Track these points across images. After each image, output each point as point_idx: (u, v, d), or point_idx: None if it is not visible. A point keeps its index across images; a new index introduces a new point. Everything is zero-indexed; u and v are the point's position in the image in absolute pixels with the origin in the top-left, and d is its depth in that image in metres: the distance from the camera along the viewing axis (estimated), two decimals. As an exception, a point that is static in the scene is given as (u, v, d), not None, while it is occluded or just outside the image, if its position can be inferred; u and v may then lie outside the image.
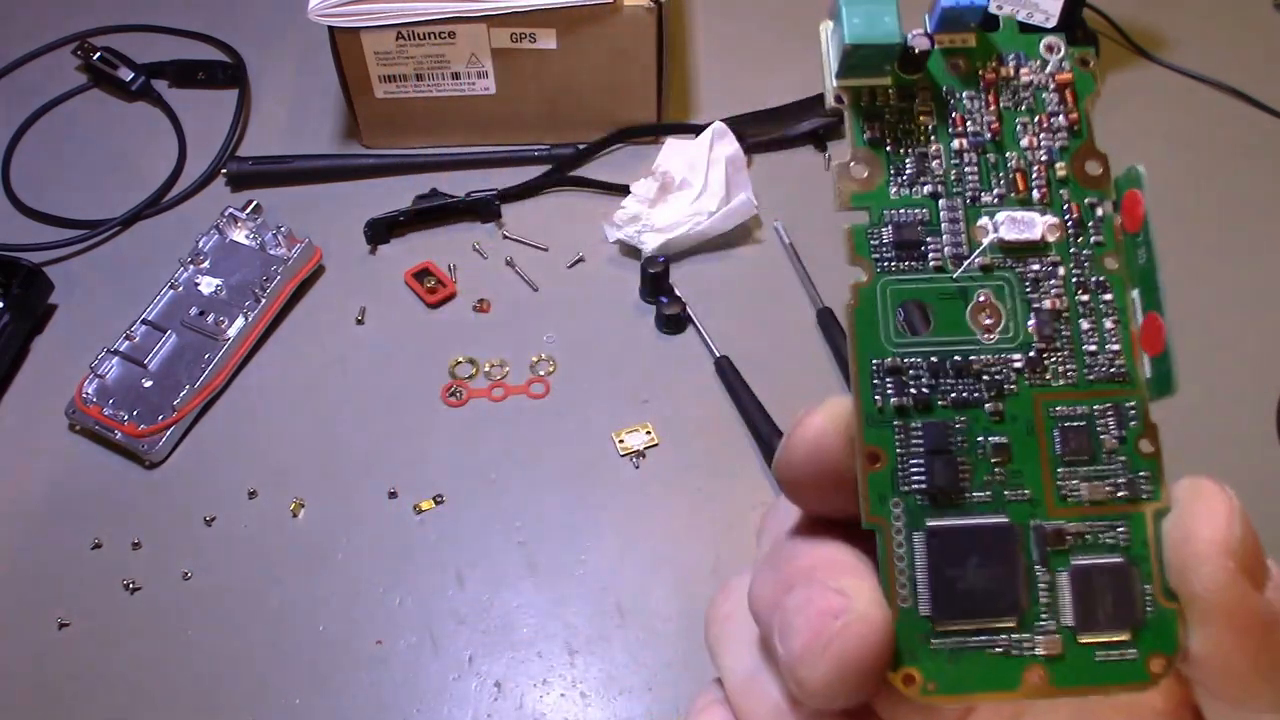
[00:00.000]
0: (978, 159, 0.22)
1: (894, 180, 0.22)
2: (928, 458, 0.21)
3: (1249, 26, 0.94)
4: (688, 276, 0.77)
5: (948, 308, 0.21)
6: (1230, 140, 0.85)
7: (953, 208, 0.22)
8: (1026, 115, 0.23)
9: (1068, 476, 0.21)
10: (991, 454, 0.21)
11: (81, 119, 0.90)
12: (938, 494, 0.20)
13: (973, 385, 0.21)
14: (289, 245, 0.76)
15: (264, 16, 0.95)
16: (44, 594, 0.64)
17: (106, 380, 0.71)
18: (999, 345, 0.21)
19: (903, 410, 0.21)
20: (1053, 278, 0.22)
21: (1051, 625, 0.20)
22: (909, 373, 0.21)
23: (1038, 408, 0.21)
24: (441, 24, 0.77)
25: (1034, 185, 0.22)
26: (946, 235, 0.22)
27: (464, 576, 0.64)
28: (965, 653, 0.20)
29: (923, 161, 0.22)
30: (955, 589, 0.20)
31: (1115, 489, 0.21)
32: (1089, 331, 0.21)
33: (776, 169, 0.84)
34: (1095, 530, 0.20)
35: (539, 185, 0.83)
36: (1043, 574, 0.20)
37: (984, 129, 0.22)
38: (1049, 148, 0.22)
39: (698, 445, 0.69)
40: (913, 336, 0.21)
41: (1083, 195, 0.22)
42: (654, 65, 0.80)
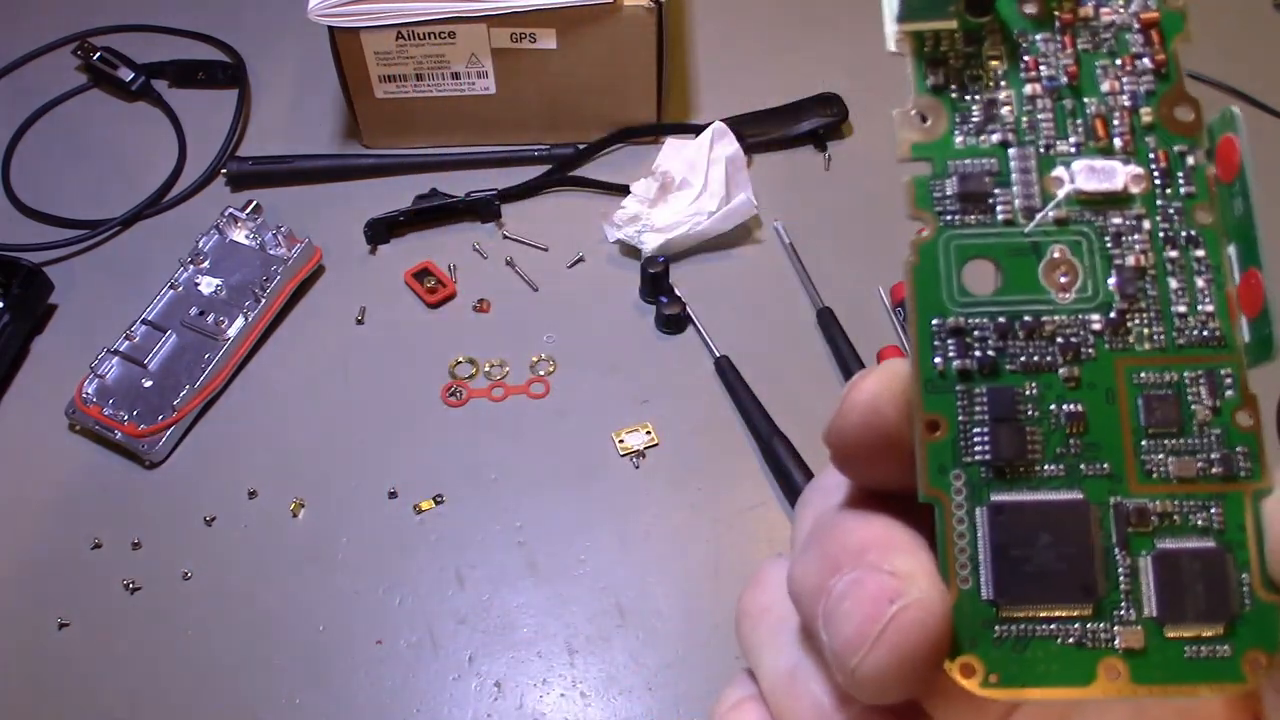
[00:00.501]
0: (1053, 105, 0.20)
1: (959, 129, 0.20)
2: (993, 426, 0.19)
3: (1249, 26, 0.94)
4: (688, 276, 0.77)
5: (1018, 265, 0.20)
6: (1230, 140, 0.85)
7: (1024, 157, 0.20)
8: (1107, 58, 0.21)
9: (1153, 450, 0.19)
10: (1066, 423, 0.19)
11: (81, 119, 0.90)
12: (1004, 466, 0.19)
13: (1045, 348, 0.19)
14: (289, 245, 0.76)
15: (264, 16, 0.95)
16: (44, 594, 0.64)
17: (106, 380, 0.71)
18: (1076, 305, 0.19)
19: (966, 374, 0.19)
20: (1137, 232, 0.20)
21: (1132, 615, 0.18)
22: (974, 334, 0.19)
23: (1120, 374, 0.19)
24: (441, 24, 0.77)
25: (1116, 133, 0.20)
26: (1018, 187, 0.20)
27: (464, 576, 0.64)
28: (1033, 642, 0.18)
29: (991, 109, 0.20)
30: (1022, 571, 0.18)
31: (1208, 465, 0.19)
32: (1179, 291, 0.19)
33: (776, 169, 0.84)
34: (1184, 511, 0.18)
35: (539, 185, 0.83)
36: (1122, 558, 0.18)
37: (1060, 73, 0.20)
38: (1133, 92, 0.21)
39: (698, 445, 0.69)
40: (991, 296, 0.20)
41: (1171, 143, 0.20)
42: (654, 65, 0.80)
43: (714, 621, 0.61)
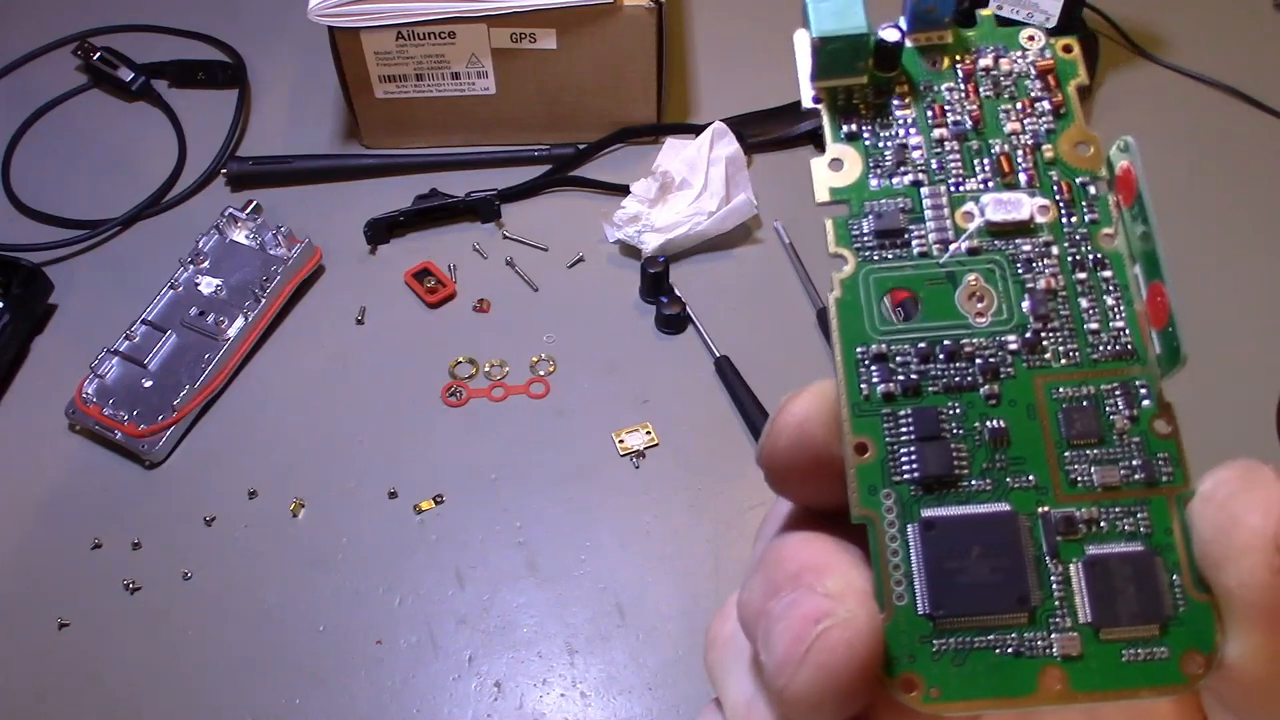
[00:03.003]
0: (960, 147, 0.22)
1: (873, 172, 0.22)
2: (918, 445, 0.19)
3: (1249, 26, 0.94)
4: (688, 276, 0.77)
5: (936, 293, 0.21)
6: (1230, 140, 0.85)
7: (936, 194, 0.21)
8: (1009, 103, 0.22)
9: (1076, 460, 0.19)
10: (989, 439, 0.19)
11: (81, 119, 0.90)
12: (932, 482, 0.19)
13: (965, 369, 0.20)
14: (289, 245, 0.76)
15: (264, 16, 0.95)
16: (44, 594, 0.64)
17: (106, 380, 0.71)
18: (992, 328, 0.20)
19: (890, 397, 0.20)
20: (1046, 257, 0.21)
21: (1068, 622, 0.18)
22: (896, 359, 0.20)
23: (1039, 390, 0.20)
24: (441, 24, 0.77)
25: (1020, 169, 0.21)
26: (931, 222, 0.21)
27: (464, 576, 0.64)
28: (972, 654, 0.18)
29: (902, 152, 0.22)
30: (956, 583, 0.18)
31: (1131, 472, 0.19)
32: (1089, 309, 0.20)
33: (776, 169, 0.84)
34: (1111, 517, 0.19)
35: (539, 185, 0.83)
36: (1054, 566, 0.19)
37: (965, 117, 0.22)
38: (1035, 131, 0.22)
39: (698, 445, 0.69)
40: (900, 323, 0.21)
41: (1073, 175, 0.21)
42: (654, 65, 0.80)
43: (714, 621, 0.61)
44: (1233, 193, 0.82)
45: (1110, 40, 0.91)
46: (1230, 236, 0.79)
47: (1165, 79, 0.89)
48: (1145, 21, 0.92)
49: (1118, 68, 0.90)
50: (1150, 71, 0.90)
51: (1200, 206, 0.81)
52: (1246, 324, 0.74)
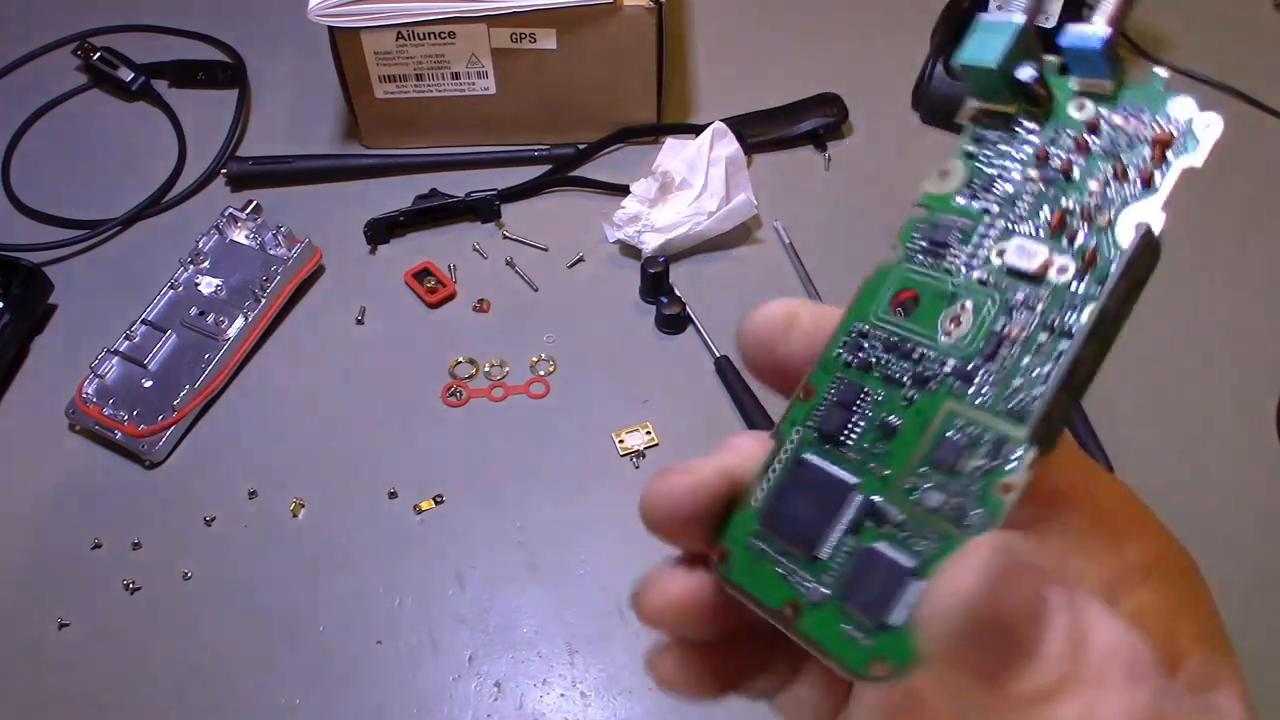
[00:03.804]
0: (1040, 190, 0.23)
1: (963, 192, 0.24)
2: (833, 406, 0.23)
3: (1249, 26, 0.94)
4: (688, 276, 0.77)
5: (932, 304, 0.23)
6: (1230, 140, 0.85)
7: (990, 226, 0.23)
8: (1108, 161, 0.22)
9: (924, 478, 0.22)
10: (879, 429, 0.23)
11: (81, 119, 0.90)
12: (824, 437, 0.23)
13: (905, 369, 0.23)
14: (289, 245, 0.76)
15: (264, 16, 0.95)
16: (44, 594, 0.64)
17: (106, 380, 0.71)
18: (948, 348, 0.22)
19: (847, 366, 0.24)
20: (1031, 310, 0.22)
21: (828, 580, 0.22)
22: (869, 341, 0.23)
23: (941, 413, 0.22)
24: (441, 24, 0.77)
25: (1073, 228, 0.22)
26: (970, 247, 0.23)
27: (464, 576, 0.64)
28: (763, 560, 0.23)
29: (993, 182, 0.23)
30: (785, 511, 0.23)
31: (950, 507, 0.21)
32: (1026, 368, 0.21)
33: (776, 169, 0.84)
34: (912, 531, 0.21)
35: (539, 185, 0.83)
36: (851, 539, 0.22)
37: (1059, 166, 0.22)
38: (1110, 197, 0.22)
39: (698, 445, 0.68)
40: (892, 317, 0.23)
41: (1112, 249, 0.21)
42: (654, 65, 0.80)
43: (714, 621, 0.61)
44: (1233, 193, 0.82)
45: (1110, 40, 0.91)
46: (1230, 236, 0.79)
47: (1165, 79, 0.89)
48: (1145, 21, 0.92)
49: (1118, 68, 0.90)
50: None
51: (1199, 206, 0.81)
52: (1246, 324, 0.74)
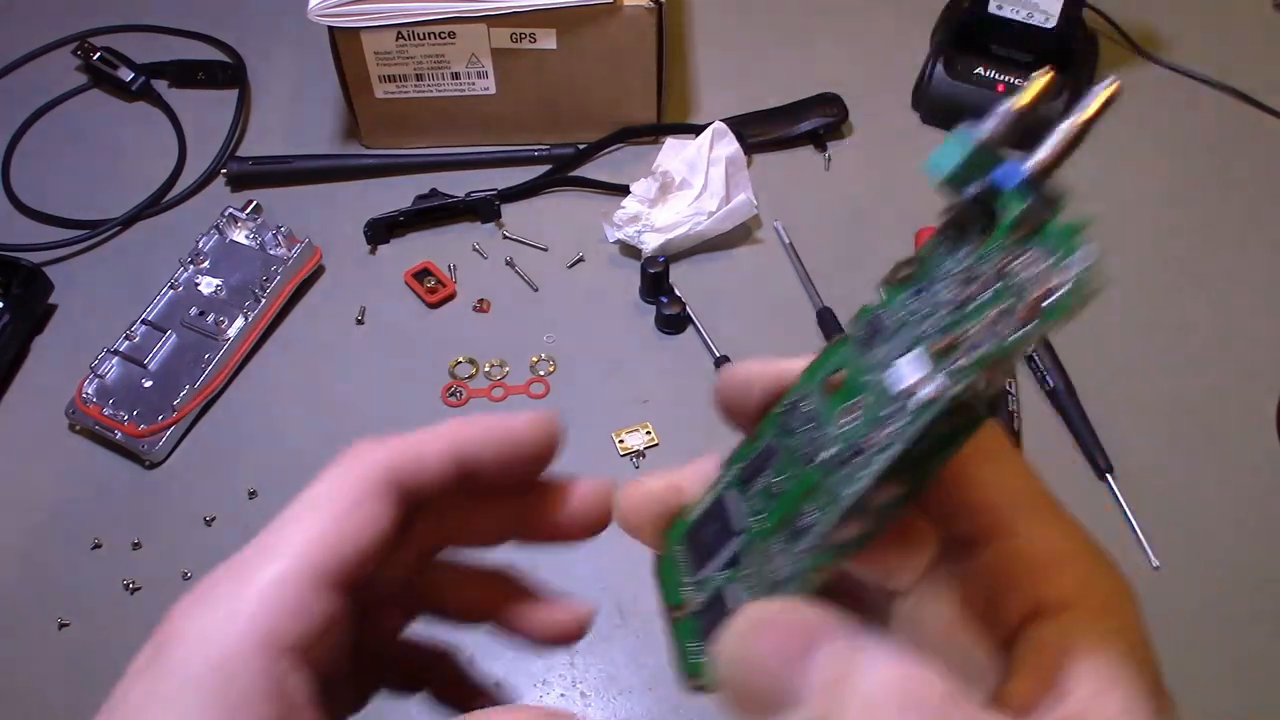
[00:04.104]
0: (951, 313, 0.24)
1: (910, 290, 0.25)
2: (757, 457, 0.28)
3: (1249, 26, 0.94)
4: (688, 276, 0.77)
5: (846, 391, 0.26)
6: (1230, 140, 0.85)
7: (910, 332, 0.25)
8: (1001, 300, 0.23)
9: (778, 543, 0.26)
10: (772, 490, 0.27)
11: (81, 119, 0.90)
12: (743, 483, 0.28)
13: (807, 442, 0.26)
14: (289, 245, 0.76)
15: (264, 16, 0.95)
16: (44, 594, 0.64)
17: (106, 380, 0.71)
18: (834, 436, 0.25)
19: (781, 426, 0.27)
20: (896, 417, 0.24)
21: (700, 600, 0.28)
22: (801, 407, 0.27)
23: (805, 493, 0.25)
24: (441, 24, 0.77)
25: (956, 358, 0.23)
26: (888, 346, 0.25)
27: (464, 576, 0.64)
28: (676, 566, 0.29)
29: (930, 288, 0.25)
30: (698, 532, 0.29)
31: (782, 573, 0.25)
32: (847, 477, 0.24)
33: (776, 169, 0.84)
34: (755, 582, 0.26)
35: (539, 185, 0.83)
36: (724, 569, 0.27)
37: (966, 294, 0.24)
38: (992, 332, 0.23)
39: (698, 445, 0.68)
40: (824, 391, 0.26)
41: (962, 378, 0.23)
42: (654, 65, 0.80)
43: (714, 621, 0.61)
44: (1232, 193, 0.82)
45: (1110, 40, 0.91)
46: (1230, 236, 0.79)
47: (1165, 79, 0.89)
48: (1145, 21, 0.92)
49: (1118, 68, 0.90)
50: (1150, 71, 0.90)
51: (1199, 206, 0.81)
52: (1246, 324, 0.74)
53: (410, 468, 0.29)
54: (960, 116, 0.78)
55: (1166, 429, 0.69)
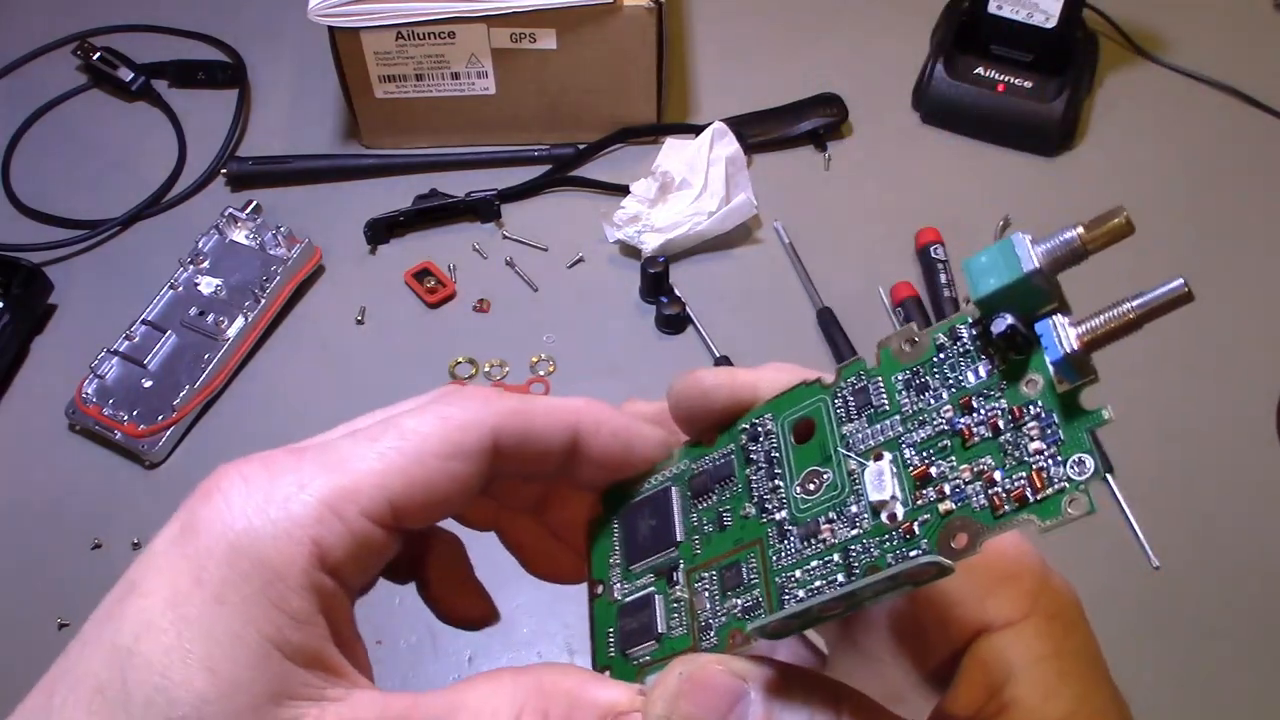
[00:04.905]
0: (941, 434, 0.24)
1: (907, 374, 0.25)
2: (709, 469, 0.28)
3: (1249, 26, 0.94)
4: (688, 276, 0.77)
5: (812, 452, 0.26)
6: (1230, 140, 0.85)
7: (894, 426, 0.25)
8: (998, 459, 0.23)
9: (711, 580, 0.27)
10: (718, 515, 0.28)
11: (81, 119, 0.90)
12: (691, 489, 0.29)
13: (761, 485, 0.27)
14: (289, 245, 0.76)
15: (264, 16, 0.95)
16: (44, 594, 0.64)
17: (106, 380, 0.71)
18: (794, 498, 0.26)
19: (740, 447, 0.28)
20: (847, 527, 0.25)
21: (622, 591, 0.29)
22: (763, 440, 0.28)
23: (750, 543, 0.27)
24: (441, 24, 0.77)
25: (931, 491, 0.24)
26: (874, 429, 0.25)
27: (464, 576, 0.64)
28: (610, 538, 0.30)
29: (927, 389, 0.25)
30: (635, 519, 0.30)
31: (707, 614, 0.27)
32: (808, 571, 0.25)
33: (776, 169, 0.84)
34: (679, 609, 0.28)
35: (539, 185, 0.82)
36: (650, 573, 0.29)
37: (965, 425, 0.24)
38: (965, 493, 0.23)
39: (698, 445, 0.69)
40: (789, 439, 0.27)
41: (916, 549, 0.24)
42: (654, 65, 0.80)
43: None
44: (1233, 193, 0.82)
45: (1110, 40, 0.91)
46: (1230, 236, 0.79)
47: (1165, 79, 0.89)
48: (1145, 21, 0.92)
49: (1118, 68, 0.90)
50: (1150, 71, 0.90)
51: (1200, 206, 0.81)
52: (1246, 324, 0.74)
53: (515, 441, 0.27)
54: (960, 116, 0.80)
55: (1166, 428, 0.69)
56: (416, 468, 0.26)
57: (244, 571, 0.24)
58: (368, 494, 0.25)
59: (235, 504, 0.25)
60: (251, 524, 0.24)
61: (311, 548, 0.24)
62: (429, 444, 0.26)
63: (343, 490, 0.25)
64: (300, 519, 0.24)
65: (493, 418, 0.27)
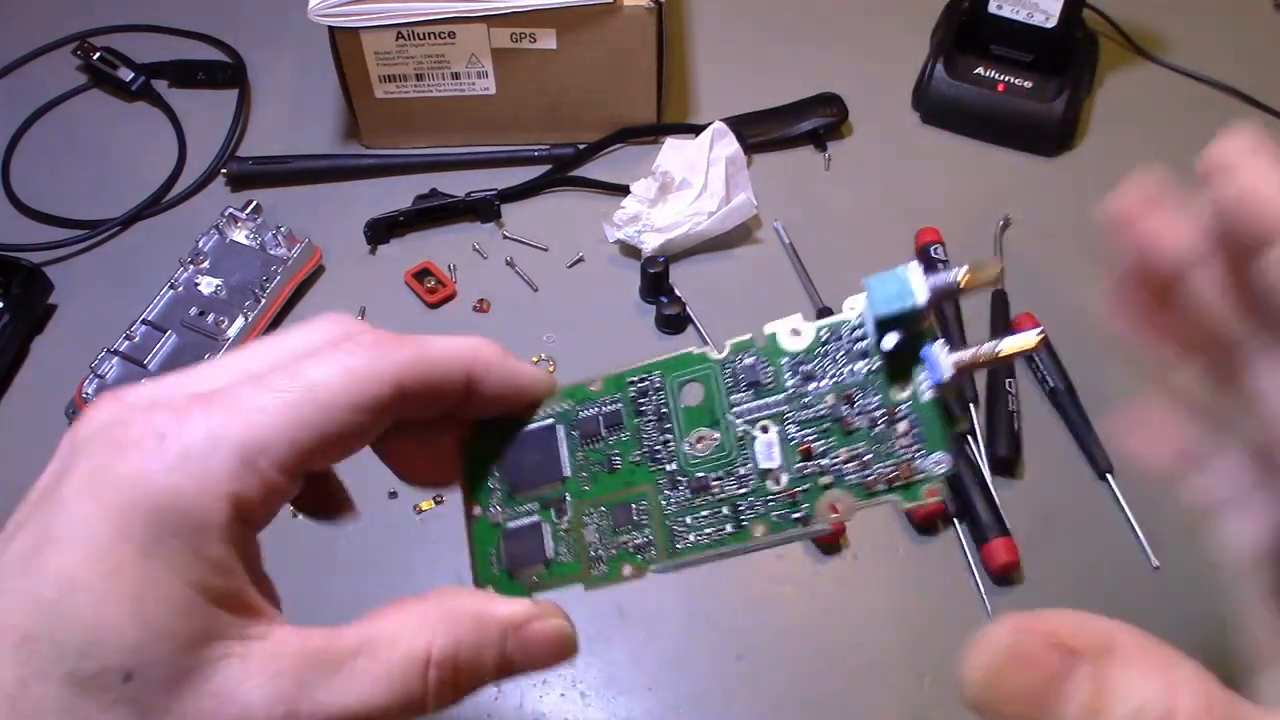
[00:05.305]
0: (826, 415, 0.29)
1: (791, 361, 0.30)
2: (598, 413, 0.32)
3: (1249, 26, 0.94)
4: (688, 276, 0.77)
5: (701, 414, 0.31)
6: (1230, 140, 0.85)
7: (781, 404, 0.30)
8: (871, 446, 0.29)
9: (597, 516, 0.31)
10: (606, 459, 0.31)
11: (81, 119, 0.90)
12: (580, 430, 0.32)
13: (650, 438, 0.31)
14: (289, 245, 0.76)
15: (264, 16, 0.95)
16: (44, 594, 0.64)
17: (106, 380, 0.71)
18: (682, 453, 0.30)
19: (630, 398, 0.32)
20: (734, 485, 0.30)
21: (502, 515, 0.34)
22: (653, 395, 0.32)
23: (639, 488, 0.31)
24: (441, 24, 0.77)
25: (812, 464, 0.29)
26: (759, 402, 0.30)
27: (464, 577, 0.64)
28: (490, 464, 0.34)
29: (812, 376, 0.30)
30: (522, 448, 0.32)
31: (595, 548, 0.32)
32: (693, 521, 0.31)
33: (776, 169, 0.84)
34: (567, 539, 0.32)
35: (539, 185, 0.83)
36: (534, 503, 0.32)
37: (847, 414, 0.29)
38: (843, 470, 0.29)
39: (698, 445, 0.69)
40: (677, 400, 0.31)
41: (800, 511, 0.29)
42: (654, 65, 0.80)
43: (714, 621, 0.61)
44: (1233, 193, 0.82)
45: (1110, 40, 0.91)
46: (1230, 236, 0.79)
47: (1165, 79, 0.89)
48: (1145, 21, 0.92)
49: (1118, 68, 0.90)
50: (1150, 71, 0.90)
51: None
52: (1246, 324, 0.74)
53: (416, 388, 0.29)
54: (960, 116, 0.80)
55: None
56: (325, 419, 0.27)
57: (169, 526, 0.24)
58: (279, 447, 0.26)
59: (153, 458, 0.25)
60: (172, 480, 0.25)
61: (230, 501, 0.25)
62: (337, 398, 0.27)
63: (257, 445, 0.26)
64: (218, 475, 0.25)
65: (396, 369, 0.28)
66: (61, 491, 0.26)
